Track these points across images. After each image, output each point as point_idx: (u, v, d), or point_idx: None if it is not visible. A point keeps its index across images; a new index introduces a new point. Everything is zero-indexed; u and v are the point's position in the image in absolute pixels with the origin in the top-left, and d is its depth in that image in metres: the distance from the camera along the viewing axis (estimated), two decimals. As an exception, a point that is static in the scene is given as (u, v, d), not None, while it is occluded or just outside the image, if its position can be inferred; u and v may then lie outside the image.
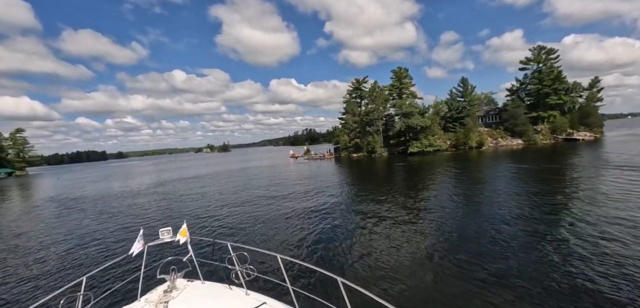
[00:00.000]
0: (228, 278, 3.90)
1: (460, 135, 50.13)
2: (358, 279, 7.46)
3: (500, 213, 12.42)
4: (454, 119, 54.63)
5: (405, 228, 11.52)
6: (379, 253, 9.13)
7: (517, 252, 8.56)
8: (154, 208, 19.64)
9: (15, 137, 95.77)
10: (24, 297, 7.94)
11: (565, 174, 20.75)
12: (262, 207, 16.90)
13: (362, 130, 51.38)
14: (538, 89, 53.42)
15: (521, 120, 51.73)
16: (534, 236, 9.69)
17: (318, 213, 14.69)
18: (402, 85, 53.86)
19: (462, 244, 9.44)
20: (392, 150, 50.89)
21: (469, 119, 51.39)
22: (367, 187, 21.48)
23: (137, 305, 3.41)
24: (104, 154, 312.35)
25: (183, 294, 3.55)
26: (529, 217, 11.64)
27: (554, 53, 54.35)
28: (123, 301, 4.32)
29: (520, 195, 15.56)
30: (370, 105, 50.83)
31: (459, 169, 28.76)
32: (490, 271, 7.51)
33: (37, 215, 20.25)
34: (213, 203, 19.21)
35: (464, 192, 18.01)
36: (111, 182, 41.31)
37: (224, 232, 12.72)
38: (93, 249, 11.57)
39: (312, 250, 9.96)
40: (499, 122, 56.94)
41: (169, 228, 4.08)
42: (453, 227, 11.24)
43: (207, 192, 24.36)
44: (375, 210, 14.64)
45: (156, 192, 27.33)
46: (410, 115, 46.93)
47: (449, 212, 13.37)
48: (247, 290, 3.67)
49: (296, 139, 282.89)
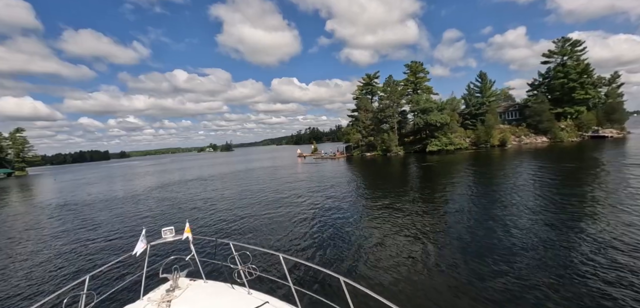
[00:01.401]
0: (230, 277, 3.88)
1: (481, 132, 46.88)
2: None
3: (534, 224, 10.51)
4: (472, 116, 51.52)
5: (430, 236, 10.16)
6: (406, 267, 7.97)
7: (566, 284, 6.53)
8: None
9: (15, 137, 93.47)
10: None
11: (608, 177, 17.66)
12: (275, 220, 13.99)
13: (376, 127, 48.20)
14: (563, 83, 50.00)
15: (546, 117, 48.47)
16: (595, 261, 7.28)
17: (337, 222, 12.31)
18: (418, 79, 50.68)
19: (487, 256, 8.16)
20: (407, 149, 47.71)
21: (490, 116, 48.19)
22: (392, 191, 18.48)
23: (140, 304, 3.39)
24: (107, 153, 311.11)
25: (185, 293, 3.51)
26: (578, 231, 9.41)
27: (580, 45, 50.94)
28: (126, 300, 3.93)
29: (560, 201, 13.00)
30: (385, 101, 47.56)
31: (484, 169, 25.86)
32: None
33: (23, 221, 17.49)
34: (218, 208, 16.74)
35: (493, 195, 15.51)
36: (108, 184, 38.51)
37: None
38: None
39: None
40: (520, 119, 53.78)
41: (171, 228, 3.99)
42: (479, 236, 9.88)
43: (211, 197, 21.46)
44: (398, 216, 12.75)
45: (155, 196, 24.47)
46: (429, 112, 43.70)
47: (475, 218, 11.72)
48: (249, 290, 3.63)
49: (299, 138, 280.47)
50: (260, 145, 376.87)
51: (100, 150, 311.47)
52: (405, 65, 55.58)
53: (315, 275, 7.37)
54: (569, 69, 49.82)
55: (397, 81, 50.37)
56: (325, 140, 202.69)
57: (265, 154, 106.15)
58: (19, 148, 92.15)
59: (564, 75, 49.81)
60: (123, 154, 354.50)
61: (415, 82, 50.27)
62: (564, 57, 51.66)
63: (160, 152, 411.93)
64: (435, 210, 13.57)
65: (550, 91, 52.70)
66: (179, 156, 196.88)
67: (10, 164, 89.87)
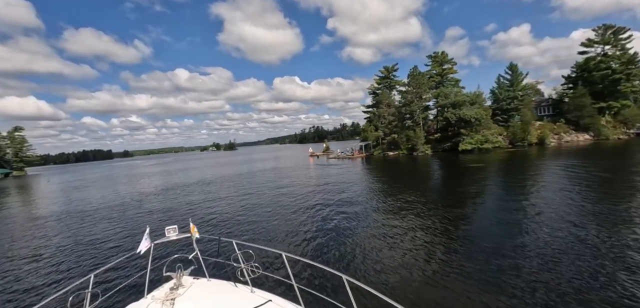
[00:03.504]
0: (233, 276, 3.88)
1: (517, 129, 42.24)
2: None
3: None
4: (503, 111, 46.94)
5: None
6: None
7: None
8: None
9: (14, 136, 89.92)
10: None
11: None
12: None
13: (399, 124, 43.64)
14: (605, 74, 45.16)
15: (587, 112, 43.73)
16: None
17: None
18: (444, 71, 46.09)
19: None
20: (435, 148, 43.12)
21: (526, 110, 43.57)
22: (445, 201, 14.04)
23: (144, 302, 3.37)
24: (110, 153, 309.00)
25: (189, 291, 3.50)
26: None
27: (624, 32, 46.07)
28: (130, 298, 3.81)
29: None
30: (410, 94, 42.93)
31: (533, 172, 21.18)
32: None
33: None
34: (222, 214, 12.51)
35: (556, 209, 11.33)
36: (102, 188, 34.34)
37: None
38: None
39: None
40: (553, 115, 49.14)
41: (174, 227, 3.95)
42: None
43: (213, 200, 17.20)
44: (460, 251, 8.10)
45: (156, 200, 20.24)
46: (461, 106, 39.11)
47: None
48: (252, 288, 3.61)
49: (304, 137, 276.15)
50: (263, 144, 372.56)
51: (103, 150, 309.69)
52: (428, 56, 51.02)
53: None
54: (612, 59, 45.06)
55: (422, 73, 45.70)
56: (330, 138, 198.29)
57: (270, 153, 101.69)
58: (18, 147, 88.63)
59: (607, 66, 45.00)
60: (126, 153, 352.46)
61: (442, 74, 45.62)
62: (606, 46, 46.86)
63: (164, 151, 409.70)
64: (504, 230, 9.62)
65: (589, 84, 47.87)
66: (181, 155, 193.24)
67: (9, 164, 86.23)
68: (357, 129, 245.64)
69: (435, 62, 48.83)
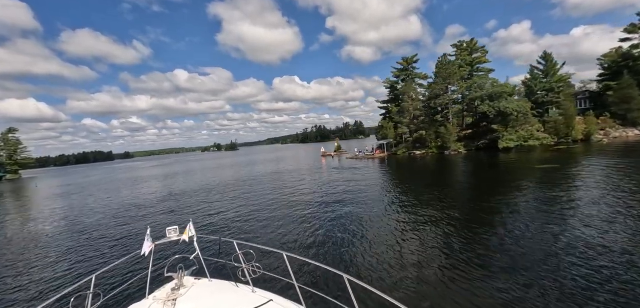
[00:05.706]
0: (235, 276, 3.81)
1: (560, 124, 37.64)
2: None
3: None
4: (538, 104, 42.38)
5: None
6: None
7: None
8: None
9: (7, 138, 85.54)
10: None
11: None
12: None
13: (428, 119, 39.04)
14: (654, 62, 40.59)
15: (636, 105, 39.20)
16: None
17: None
18: (475, 60, 41.52)
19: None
20: (468, 146, 38.49)
21: (568, 103, 38.96)
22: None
23: (146, 302, 3.35)
24: (111, 154, 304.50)
25: (191, 292, 3.48)
26: None
27: (675, 15, 41.45)
28: (132, 299, 3.94)
29: None
30: (439, 85, 38.29)
31: (603, 177, 16.58)
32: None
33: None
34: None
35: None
36: (94, 194, 29.90)
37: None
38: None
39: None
40: (592, 108, 44.55)
41: (175, 227, 3.91)
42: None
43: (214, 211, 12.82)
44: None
45: (157, 204, 15.82)
46: (499, 98, 34.52)
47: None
48: (253, 288, 3.56)
49: (306, 137, 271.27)
50: (265, 145, 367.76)
51: (103, 151, 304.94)
52: (452, 45, 46.43)
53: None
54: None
55: (452, 62, 41.05)
56: (333, 138, 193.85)
57: (272, 153, 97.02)
58: (12, 150, 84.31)
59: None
60: (127, 154, 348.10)
61: (472, 63, 41.04)
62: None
63: (165, 152, 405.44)
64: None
65: (635, 74, 43.23)
66: (182, 156, 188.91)
67: (3, 167, 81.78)
68: (360, 127, 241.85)
69: (462, 51, 44.23)
